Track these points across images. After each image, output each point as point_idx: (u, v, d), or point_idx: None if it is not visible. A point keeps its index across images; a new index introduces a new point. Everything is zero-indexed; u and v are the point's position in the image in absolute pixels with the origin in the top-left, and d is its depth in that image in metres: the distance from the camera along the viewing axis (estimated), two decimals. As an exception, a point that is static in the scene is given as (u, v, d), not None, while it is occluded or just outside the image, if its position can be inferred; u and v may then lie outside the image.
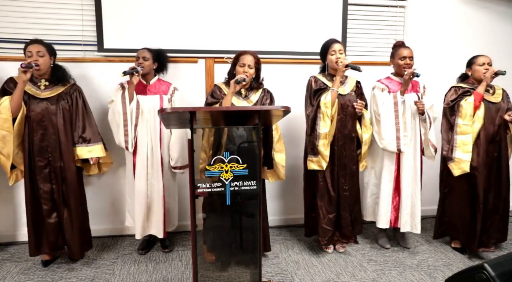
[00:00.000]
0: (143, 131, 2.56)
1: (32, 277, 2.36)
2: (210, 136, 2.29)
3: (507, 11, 3.49)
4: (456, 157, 2.54)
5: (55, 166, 2.36)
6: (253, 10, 3.01)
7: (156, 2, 2.88)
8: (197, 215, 1.74)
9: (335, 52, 2.53)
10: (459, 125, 2.54)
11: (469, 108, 2.51)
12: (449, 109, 2.63)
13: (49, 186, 2.37)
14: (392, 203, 2.72)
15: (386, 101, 2.61)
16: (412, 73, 2.48)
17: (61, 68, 2.45)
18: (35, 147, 2.33)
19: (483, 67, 2.58)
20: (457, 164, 2.55)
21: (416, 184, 2.68)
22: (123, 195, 2.89)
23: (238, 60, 2.41)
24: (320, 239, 2.64)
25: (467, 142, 2.52)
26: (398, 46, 2.68)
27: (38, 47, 2.29)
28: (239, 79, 2.27)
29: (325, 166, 2.52)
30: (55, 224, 2.40)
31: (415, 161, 2.67)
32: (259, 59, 2.44)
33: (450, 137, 2.60)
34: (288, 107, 1.76)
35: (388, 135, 2.59)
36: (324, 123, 2.49)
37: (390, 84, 2.69)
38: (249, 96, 2.44)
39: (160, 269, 2.48)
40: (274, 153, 2.46)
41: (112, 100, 2.54)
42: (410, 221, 2.70)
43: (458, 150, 2.54)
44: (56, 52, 2.45)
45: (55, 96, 2.36)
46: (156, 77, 2.69)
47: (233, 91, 2.29)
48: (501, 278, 1.55)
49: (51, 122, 2.34)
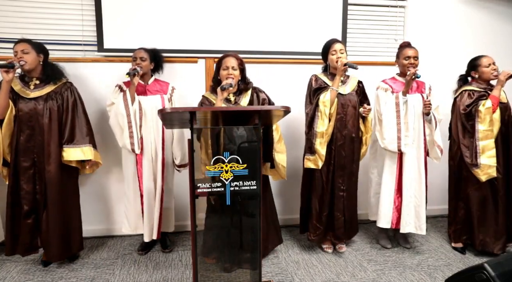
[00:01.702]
0: (147, 132, 2.55)
1: (32, 277, 2.36)
2: (207, 149, 2.26)
3: (507, 11, 3.49)
4: (481, 163, 2.52)
5: (40, 167, 2.32)
6: (253, 10, 3.01)
7: (156, 2, 2.88)
8: (197, 215, 1.74)
9: (336, 52, 2.53)
10: (480, 131, 2.53)
11: (488, 114, 2.50)
12: (466, 115, 2.60)
13: (31, 187, 2.33)
14: (394, 203, 2.72)
15: (388, 101, 2.62)
16: (413, 74, 2.49)
17: (53, 66, 2.41)
18: (20, 147, 2.30)
19: (491, 68, 2.58)
20: (483, 169, 2.52)
21: (420, 184, 2.66)
22: (122, 195, 2.88)
23: (221, 64, 2.37)
24: (309, 233, 2.66)
25: (490, 147, 2.51)
26: (404, 47, 2.68)
27: (23, 46, 2.27)
28: (225, 85, 2.21)
29: (321, 164, 2.52)
30: (31, 225, 2.36)
31: (418, 162, 2.66)
32: (242, 60, 2.41)
33: (469, 143, 2.58)
34: (288, 107, 1.76)
35: (389, 135, 2.59)
36: (321, 122, 2.49)
37: (394, 85, 2.69)
38: (239, 102, 2.41)
39: (160, 269, 2.48)
40: (275, 153, 2.45)
41: (112, 103, 2.53)
42: (415, 222, 2.68)
43: (483, 156, 2.52)
44: (53, 50, 2.41)
45: (44, 96, 2.32)
46: (153, 77, 2.69)
47: (222, 99, 2.26)
48: (501, 278, 1.56)
49: (38, 123, 2.30)
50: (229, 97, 2.40)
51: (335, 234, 2.67)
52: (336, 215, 2.63)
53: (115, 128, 2.53)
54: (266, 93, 2.52)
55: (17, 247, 2.39)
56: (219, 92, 2.25)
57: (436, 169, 3.03)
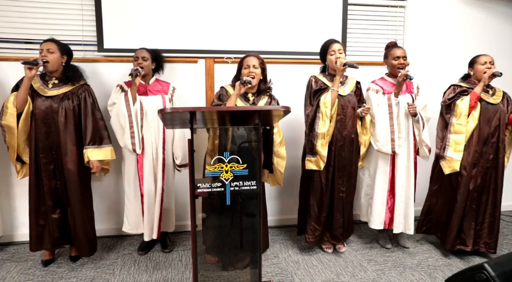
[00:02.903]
0: (148, 132, 2.55)
1: (32, 277, 2.36)
2: (214, 139, 2.28)
3: (507, 11, 3.49)
4: (447, 156, 2.56)
5: (59, 164, 2.37)
6: (253, 10, 3.01)
7: (156, 2, 2.88)
8: (197, 215, 1.74)
9: (334, 52, 2.53)
10: (453, 124, 2.55)
11: (464, 108, 2.51)
12: (445, 108, 2.64)
13: (53, 182, 2.38)
14: (387, 204, 2.73)
15: (380, 103, 2.62)
16: (405, 75, 2.49)
17: (74, 68, 2.46)
18: (40, 144, 2.34)
19: (485, 66, 2.57)
20: (448, 162, 2.56)
21: (409, 184, 2.68)
22: (122, 195, 2.88)
23: (242, 63, 2.42)
24: (307, 236, 2.65)
25: (459, 141, 2.53)
26: (391, 47, 2.69)
27: (49, 45, 2.32)
28: (245, 80, 2.26)
29: (323, 166, 2.52)
30: (58, 219, 2.41)
31: (408, 162, 2.68)
32: (263, 60, 2.45)
33: (443, 135, 2.61)
34: (288, 107, 1.76)
35: (383, 137, 2.60)
36: (322, 123, 2.49)
37: (384, 85, 2.69)
38: (257, 103, 2.44)
39: (160, 269, 2.48)
40: (275, 157, 2.46)
41: (114, 103, 2.53)
42: (404, 222, 2.70)
43: (450, 149, 2.55)
44: (73, 53, 2.48)
45: (60, 95, 2.36)
46: (154, 78, 2.69)
47: (238, 93, 2.29)
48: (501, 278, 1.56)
49: (54, 121, 2.34)
50: (248, 96, 2.43)
51: (333, 234, 2.67)
52: (335, 215, 2.62)
53: (116, 129, 2.53)
54: (279, 103, 2.54)
55: (44, 242, 2.43)
56: (237, 86, 2.28)
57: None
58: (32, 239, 2.41)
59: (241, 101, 2.39)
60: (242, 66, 2.42)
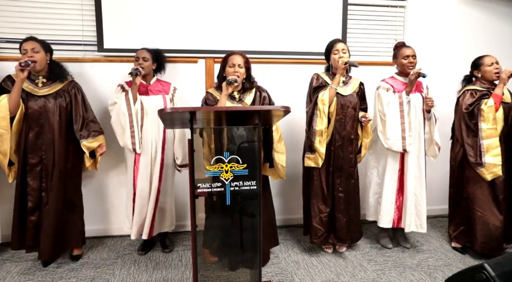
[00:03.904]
0: (148, 132, 2.55)
1: (32, 277, 2.36)
2: (210, 143, 2.25)
3: (507, 11, 3.49)
4: (486, 162, 2.50)
5: (47, 164, 2.36)
6: (253, 10, 3.01)
7: (156, 2, 2.88)
8: (197, 215, 1.74)
9: (338, 52, 2.53)
10: (483, 130, 2.51)
11: (491, 112, 2.49)
12: (468, 114, 2.59)
13: (37, 184, 2.37)
14: (395, 203, 2.72)
15: (391, 101, 2.61)
16: (418, 73, 2.49)
17: (59, 64, 2.46)
18: (29, 144, 2.34)
19: (493, 67, 2.58)
20: (488, 168, 2.51)
21: (421, 183, 2.68)
22: (122, 195, 2.88)
23: (227, 61, 2.37)
24: (311, 236, 2.65)
25: (494, 145, 2.50)
26: (400, 47, 2.70)
27: (32, 44, 2.30)
28: (230, 80, 2.23)
29: (321, 163, 2.52)
30: (34, 222, 2.40)
31: (419, 160, 2.67)
32: (248, 59, 2.41)
33: (473, 142, 2.57)
34: (288, 107, 1.76)
35: (393, 135, 2.59)
36: (320, 120, 2.48)
37: (394, 84, 2.69)
38: (243, 99, 2.41)
39: (160, 269, 2.48)
40: (275, 153, 2.45)
41: (115, 102, 2.53)
42: (415, 221, 2.69)
43: (487, 155, 2.51)
44: (53, 49, 2.46)
45: (53, 93, 2.36)
46: (155, 78, 2.69)
47: (226, 94, 2.26)
48: (501, 278, 1.56)
49: (47, 120, 2.34)
50: (233, 95, 2.40)
51: (337, 235, 2.66)
52: (337, 216, 2.61)
53: (116, 128, 2.53)
54: (267, 92, 2.53)
55: (23, 243, 2.42)
56: (224, 87, 2.25)
57: (436, 169, 3.04)
58: (13, 238, 2.41)
59: (229, 101, 2.36)
60: (226, 64, 2.37)
